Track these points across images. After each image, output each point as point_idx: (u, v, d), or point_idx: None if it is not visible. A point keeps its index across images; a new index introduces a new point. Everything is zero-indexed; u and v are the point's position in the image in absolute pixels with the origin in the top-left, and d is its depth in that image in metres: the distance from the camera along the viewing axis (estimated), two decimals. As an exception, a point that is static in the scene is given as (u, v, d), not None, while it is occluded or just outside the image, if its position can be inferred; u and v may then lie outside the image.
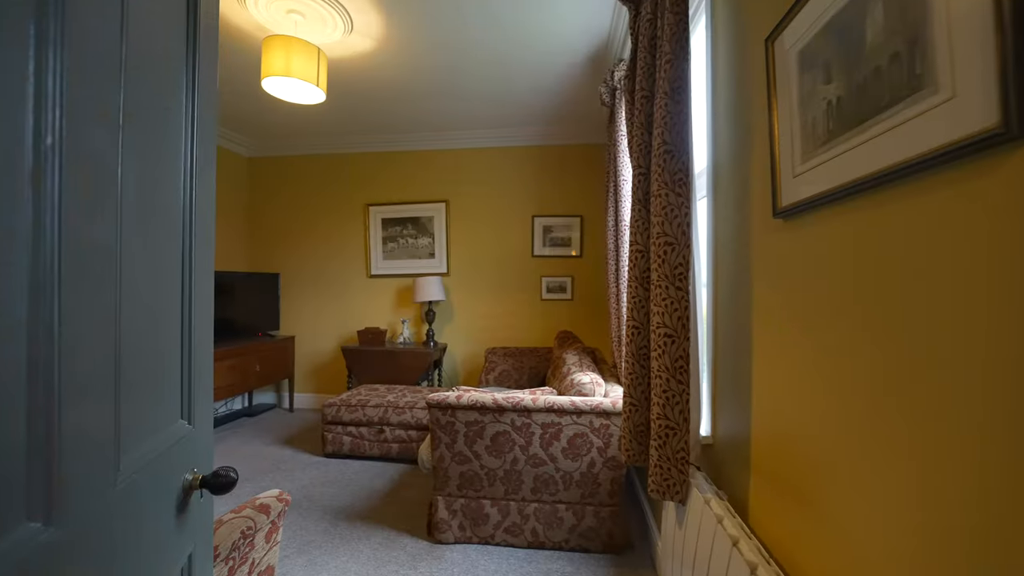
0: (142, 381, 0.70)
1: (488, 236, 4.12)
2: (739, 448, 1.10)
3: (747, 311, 1.05)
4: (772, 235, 0.93)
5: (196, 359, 0.87)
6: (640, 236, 1.34)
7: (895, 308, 0.61)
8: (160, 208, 0.75)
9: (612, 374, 2.51)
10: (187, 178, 0.84)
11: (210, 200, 0.92)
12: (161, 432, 0.77)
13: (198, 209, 0.87)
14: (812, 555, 0.79)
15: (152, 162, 0.72)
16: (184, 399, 0.85)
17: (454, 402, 1.98)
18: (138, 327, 0.68)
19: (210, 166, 0.91)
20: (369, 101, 3.31)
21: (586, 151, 3.98)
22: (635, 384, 1.34)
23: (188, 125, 0.84)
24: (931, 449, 0.55)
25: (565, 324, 4.02)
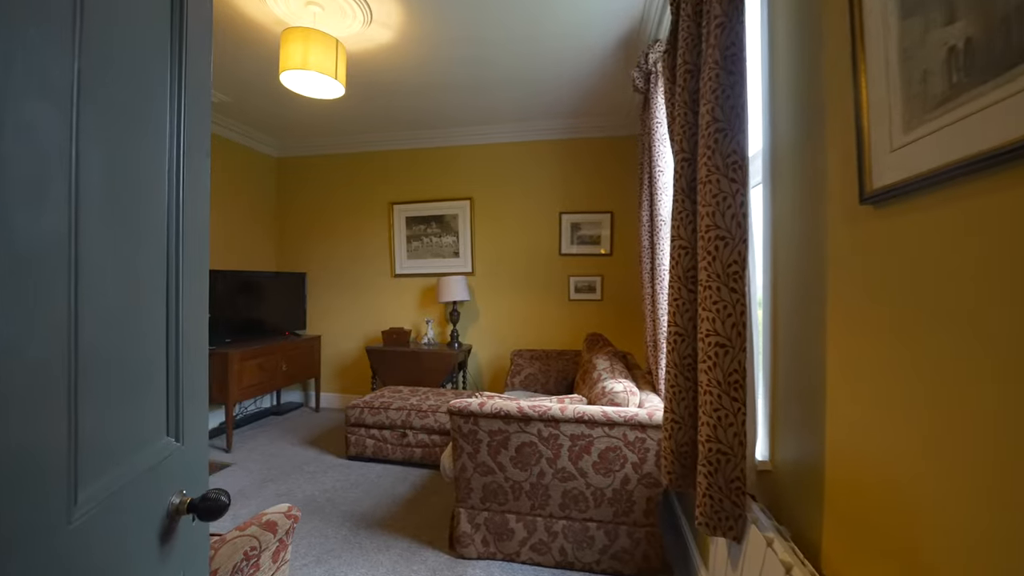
0: (111, 396, 0.61)
1: (514, 234, 4.00)
2: (807, 478, 0.93)
3: (819, 315, 0.88)
4: (858, 225, 0.76)
5: (186, 369, 0.78)
6: (684, 230, 1.18)
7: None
8: (137, 198, 0.66)
9: (647, 381, 2.33)
10: (174, 165, 0.75)
11: (202, 190, 0.83)
12: (140, 452, 0.68)
13: (187, 200, 0.77)
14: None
15: (125, 146, 0.63)
16: (170, 414, 0.76)
17: (477, 410, 1.87)
18: (103, 334, 0.58)
19: (201, 152, 0.82)
20: (391, 96, 3.24)
21: (616, 144, 3.80)
22: (678, 398, 1.18)
23: (174, 105, 0.74)
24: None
25: (594, 326, 3.85)
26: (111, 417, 0.61)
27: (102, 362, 0.58)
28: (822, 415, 0.87)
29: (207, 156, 0.86)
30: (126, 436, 0.64)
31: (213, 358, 3.18)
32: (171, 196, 0.74)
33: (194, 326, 0.80)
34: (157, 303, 0.71)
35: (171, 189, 0.74)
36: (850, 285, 0.78)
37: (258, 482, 2.70)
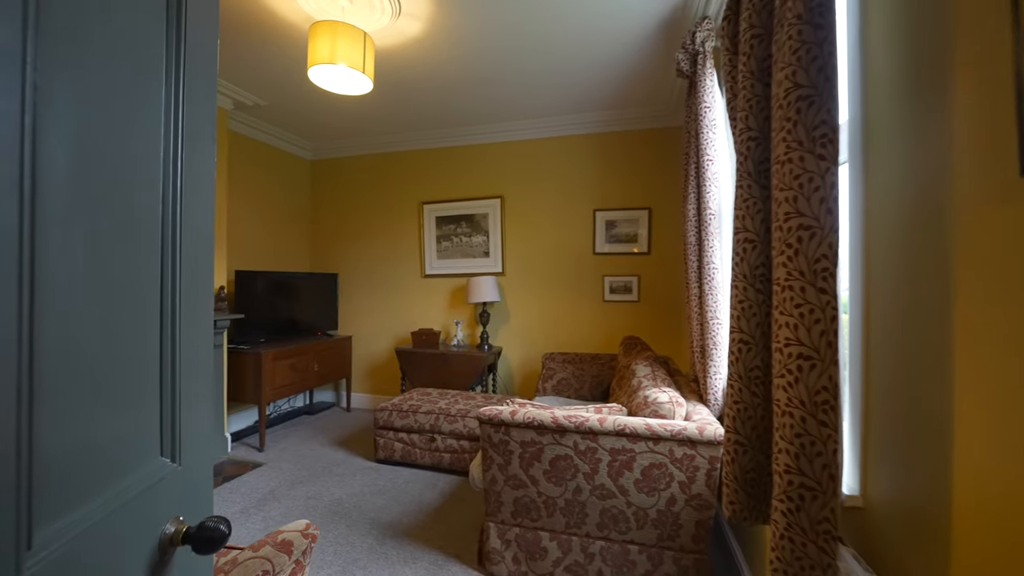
0: (85, 411, 0.51)
1: (545, 233, 3.85)
2: (922, 519, 0.75)
3: (940, 321, 0.70)
4: (1011, 207, 0.58)
5: (184, 380, 0.69)
6: (750, 221, 1.02)
7: None
8: (119, 187, 0.57)
9: (693, 391, 2.14)
10: (170, 153, 0.66)
11: (206, 180, 0.74)
12: (125, 477, 0.59)
13: (187, 190, 0.68)
14: None
15: (103, 130, 0.54)
16: (165, 431, 0.66)
17: (508, 419, 1.74)
18: (72, 338, 0.49)
19: (204, 138, 0.73)
20: (420, 92, 3.17)
21: (654, 136, 3.59)
22: (743, 417, 1.01)
23: (171, 84, 0.66)
24: None
25: (631, 328, 3.65)
26: (84, 437, 0.51)
27: (70, 371, 0.49)
28: (947, 443, 0.69)
29: (212, 143, 0.77)
30: (105, 459, 0.55)
31: (246, 358, 3.20)
32: (167, 186, 0.65)
33: (195, 331, 0.71)
34: (147, 306, 0.62)
35: (167, 178, 0.65)
36: (999, 281, 0.60)
37: (288, 483, 2.68)
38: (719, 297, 1.88)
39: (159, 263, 0.64)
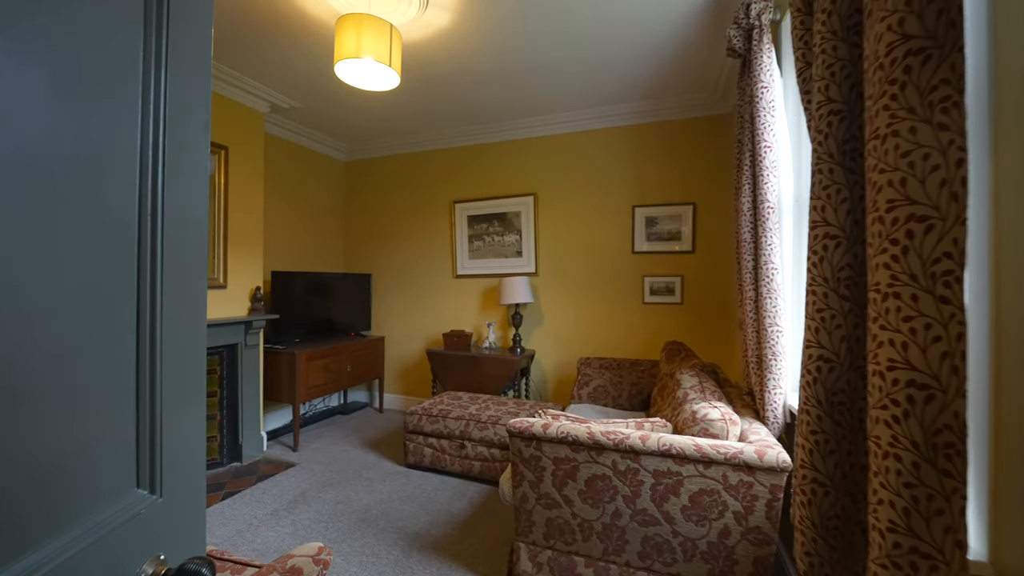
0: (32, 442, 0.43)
1: (581, 231, 3.68)
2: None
3: None
4: None
5: (168, 397, 0.60)
6: (832, 212, 0.83)
7: None
8: (74, 175, 0.49)
9: (746, 405, 1.92)
10: (149, 137, 0.57)
11: (196, 169, 0.65)
12: (88, 516, 0.50)
13: (170, 179, 0.60)
14: None
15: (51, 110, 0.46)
16: (142, 458, 0.58)
17: (540, 432, 1.61)
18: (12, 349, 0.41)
19: (194, 123, 0.64)
20: (449, 88, 3.09)
21: (699, 126, 3.34)
22: (824, 451, 0.83)
23: (150, 60, 0.57)
24: None
25: (673, 333, 3.42)
26: (30, 470, 0.43)
27: (5, 389, 0.40)
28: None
29: (205, 129, 0.68)
30: (59, 496, 0.47)
31: (281, 358, 3.24)
32: (144, 174, 0.57)
33: (183, 338, 0.63)
34: (120, 309, 0.53)
35: (145, 166, 0.57)
36: None
37: (319, 486, 2.66)
38: (779, 301, 1.67)
39: (135, 259, 0.55)
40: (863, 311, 0.80)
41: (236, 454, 2.97)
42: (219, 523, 2.23)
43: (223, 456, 2.91)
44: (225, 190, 2.88)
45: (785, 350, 1.67)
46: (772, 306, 1.67)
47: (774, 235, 1.69)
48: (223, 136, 2.88)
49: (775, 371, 1.67)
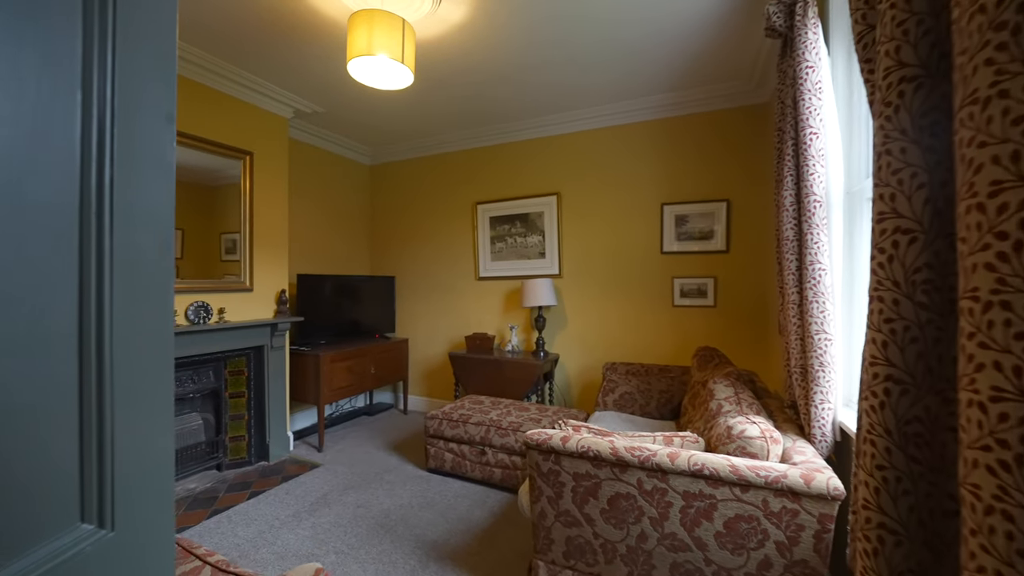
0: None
1: (606, 231, 3.54)
2: None
3: None
4: None
5: (122, 415, 0.54)
6: (905, 200, 0.69)
7: None
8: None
9: (789, 420, 1.75)
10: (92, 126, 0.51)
11: (159, 164, 0.59)
12: (16, 559, 0.45)
13: (119, 171, 0.54)
14: None
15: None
16: (88, 486, 0.52)
17: (559, 446, 1.50)
18: None
19: (153, 113, 0.57)
20: (467, 87, 3.01)
21: (732, 117, 3.14)
22: (896, 492, 0.69)
23: (91, 36, 0.51)
24: None
25: (705, 338, 3.23)
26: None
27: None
28: None
29: (169, 121, 0.61)
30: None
31: (307, 359, 3.26)
32: (87, 171, 0.50)
33: (140, 346, 0.56)
34: (58, 306, 0.47)
35: (88, 161, 0.50)
36: None
37: (340, 488, 2.64)
38: (827, 306, 1.50)
39: (77, 261, 0.49)
40: (948, 323, 0.65)
41: (263, 453, 3.00)
42: (243, 523, 2.24)
43: (251, 455, 2.95)
44: (250, 195, 2.92)
45: (834, 360, 1.50)
46: (819, 311, 1.50)
47: (821, 232, 1.52)
48: (247, 142, 2.91)
49: (823, 383, 1.50)
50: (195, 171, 2.68)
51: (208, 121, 2.69)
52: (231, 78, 2.73)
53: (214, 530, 2.17)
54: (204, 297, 2.65)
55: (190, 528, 2.19)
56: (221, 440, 2.87)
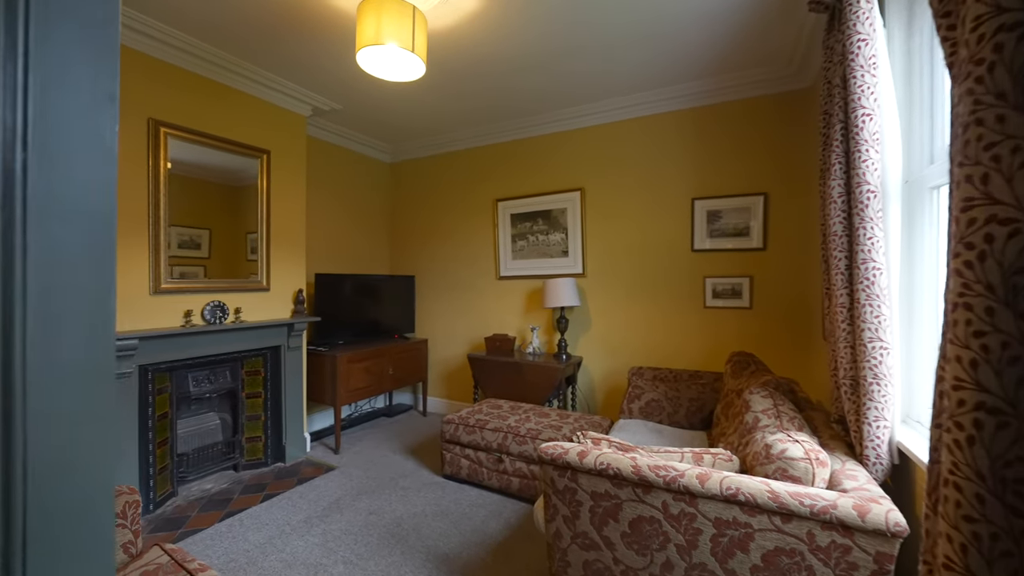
0: None
1: (632, 228, 3.37)
2: None
3: None
4: None
5: (37, 459, 0.47)
6: (1004, 183, 0.55)
7: None
8: None
9: (835, 436, 1.56)
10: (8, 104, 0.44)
11: (97, 146, 0.51)
12: None
13: (37, 157, 0.46)
14: None
15: None
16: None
17: (575, 462, 1.38)
18: None
19: (91, 93, 0.51)
20: (484, 79, 2.91)
21: (769, 105, 2.91)
22: (989, 551, 0.54)
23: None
24: None
25: (740, 342, 3.02)
26: None
27: None
28: None
29: (111, 101, 0.53)
30: None
31: (324, 360, 3.24)
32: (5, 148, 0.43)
33: (68, 348, 0.48)
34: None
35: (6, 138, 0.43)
36: None
37: (354, 493, 2.60)
38: (883, 310, 1.31)
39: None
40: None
41: (280, 454, 3.00)
42: (254, 528, 2.22)
43: (267, 456, 2.95)
44: (267, 194, 2.92)
45: (891, 372, 1.31)
46: (873, 315, 1.32)
47: (875, 226, 1.34)
48: (264, 140, 2.92)
49: (878, 398, 1.31)
50: (218, 171, 2.70)
51: (223, 119, 2.69)
52: (246, 75, 2.73)
53: (225, 534, 2.15)
54: (221, 297, 2.66)
55: (202, 531, 2.18)
56: (238, 440, 2.88)
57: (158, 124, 2.37)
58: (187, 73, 2.51)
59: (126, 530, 1.34)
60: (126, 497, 1.36)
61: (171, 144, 2.44)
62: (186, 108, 2.50)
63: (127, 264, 2.28)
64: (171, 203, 2.46)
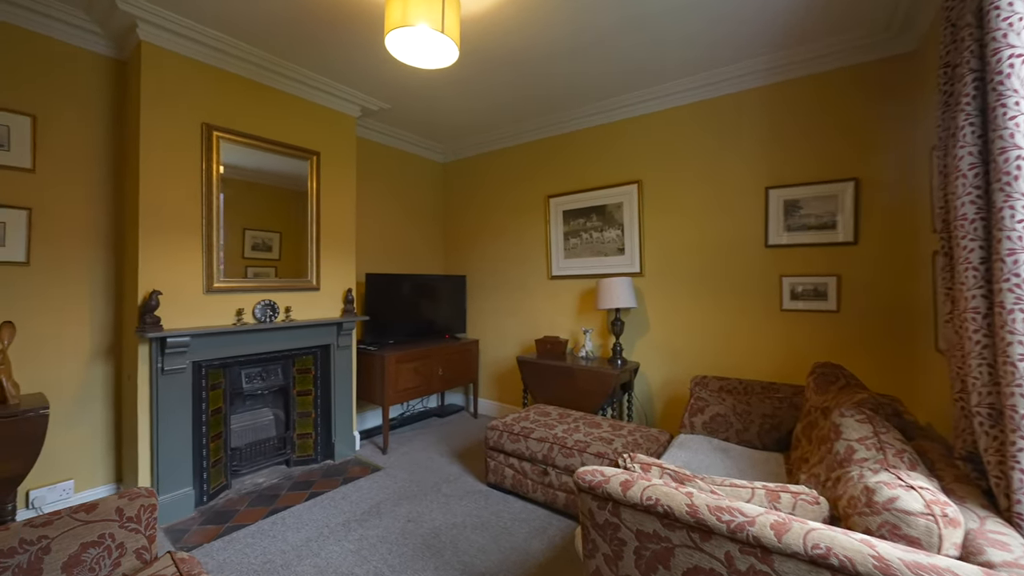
0: None
1: (696, 221, 3.04)
2: None
3: None
4: None
5: None
6: None
7: None
8: None
9: (962, 477, 1.21)
10: None
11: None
12: None
13: None
14: None
15: None
16: None
17: (618, 493, 1.17)
18: None
19: None
20: (529, 66, 2.75)
21: (862, 75, 2.47)
22: None
23: None
24: None
25: (825, 351, 2.59)
26: None
27: None
28: None
29: None
30: None
31: (373, 359, 3.25)
32: None
33: None
34: None
35: None
36: None
37: (396, 497, 2.55)
38: (1046, 318, 0.97)
39: None
40: None
41: (329, 452, 3.04)
42: (295, 527, 2.23)
43: (317, 453, 3.01)
44: (317, 195, 2.97)
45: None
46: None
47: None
48: (314, 141, 2.97)
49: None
50: (280, 176, 2.81)
51: (273, 122, 2.76)
52: (293, 77, 2.78)
53: (267, 532, 2.18)
54: (272, 296, 2.73)
55: (246, 527, 2.22)
56: (289, 437, 2.95)
57: (211, 128, 2.47)
58: (238, 78, 2.60)
59: (139, 535, 1.32)
60: (142, 500, 1.35)
61: (225, 148, 2.54)
62: (237, 112, 2.59)
63: (182, 264, 2.39)
64: (244, 207, 2.63)
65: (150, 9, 2.15)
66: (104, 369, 2.43)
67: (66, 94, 2.28)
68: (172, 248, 2.35)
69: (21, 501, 2.19)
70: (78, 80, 2.32)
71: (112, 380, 2.46)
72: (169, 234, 2.34)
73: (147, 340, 2.25)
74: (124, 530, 1.36)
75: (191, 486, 2.38)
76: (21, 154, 2.16)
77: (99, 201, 2.40)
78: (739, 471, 1.92)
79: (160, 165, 2.30)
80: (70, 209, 2.31)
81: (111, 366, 2.45)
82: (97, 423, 2.41)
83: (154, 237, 2.29)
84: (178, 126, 2.37)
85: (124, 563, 1.35)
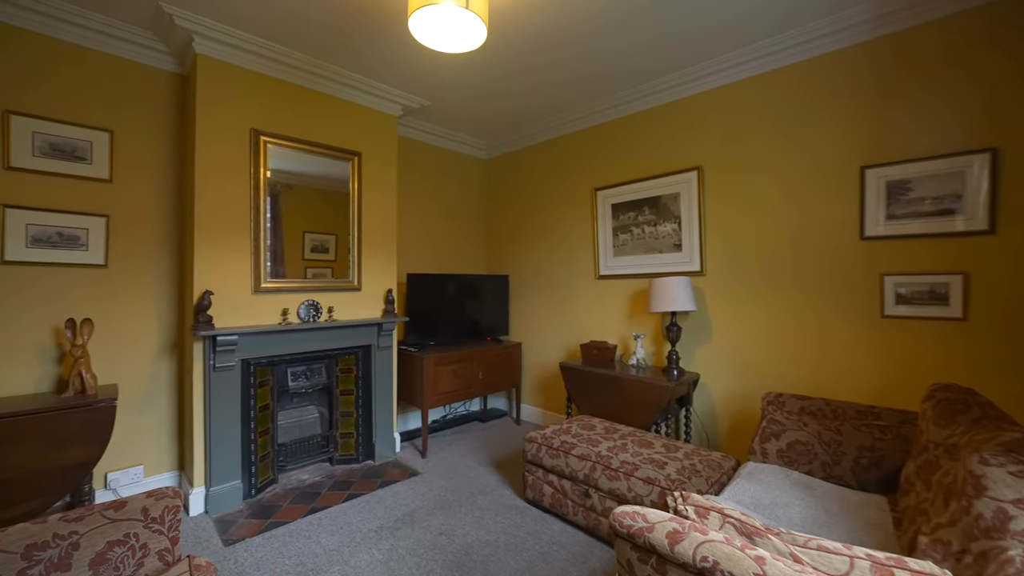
0: None
1: (770, 209, 2.62)
2: None
3: None
4: None
5: None
6: None
7: None
8: None
9: None
10: None
11: None
12: None
13: None
14: None
15: None
16: None
17: (663, 547, 0.92)
18: None
19: None
20: (570, 46, 2.50)
21: (995, 17, 1.95)
22: None
23: None
24: None
25: (944, 369, 2.09)
26: None
27: None
28: None
29: None
30: None
31: (413, 361, 3.18)
32: None
33: None
34: None
35: None
36: None
37: (430, 506, 2.43)
38: None
39: None
40: None
41: (370, 452, 3.01)
42: (329, 530, 2.18)
43: (358, 453, 2.98)
44: (359, 195, 2.94)
45: None
46: None
47: None
48: (355, 142, 2.95)
49: None
50: (329, 179, 2.83)
51: (316, 125, 2.77)
52: (334, 79, 2.77)
53: (303, 532, 2.15)
54: (315, 296, 2.74)
55: (285, 524, 2.21)
56: (333, 435, 2.95)
57: (258, 134, 2.51)
58: (282, 83, 2.62)
59: (163, 537, 1.29)
60: (167, 501, 1.32)
61: (272, 152, 2.57)
62: (282, 117, 2.62)
63: (232, 265, 2.44)
64: (304, 210, 2.72)
65: (202, 22, 2.23)
66: (169, 364, 2.56)
67: (139, 109, 2.44)
68: (223, 250, 2.41)
69: (99, 482, 2.35)
70: (148, 96, 2.47)
71: (176, 374, 2.58)
72: (220, 236, 2.40)
73: (200, 338, 2.31)
74: (148, 531, 1.34)
75: (239, 479, 2.43)
76: (101, 166, 2.33)
77: (165, 207, 2.53)
78: (827, 514, 1.56)
79: (213, 171, 2.38)
80: (141, 215, 2.45)
81: (175, 361, 2.58)
82: (163, 414, 2.54)
83: (207, 240, 2.36)
84: (229, 133, 2.43)
85: (147, 563, 1.33)
